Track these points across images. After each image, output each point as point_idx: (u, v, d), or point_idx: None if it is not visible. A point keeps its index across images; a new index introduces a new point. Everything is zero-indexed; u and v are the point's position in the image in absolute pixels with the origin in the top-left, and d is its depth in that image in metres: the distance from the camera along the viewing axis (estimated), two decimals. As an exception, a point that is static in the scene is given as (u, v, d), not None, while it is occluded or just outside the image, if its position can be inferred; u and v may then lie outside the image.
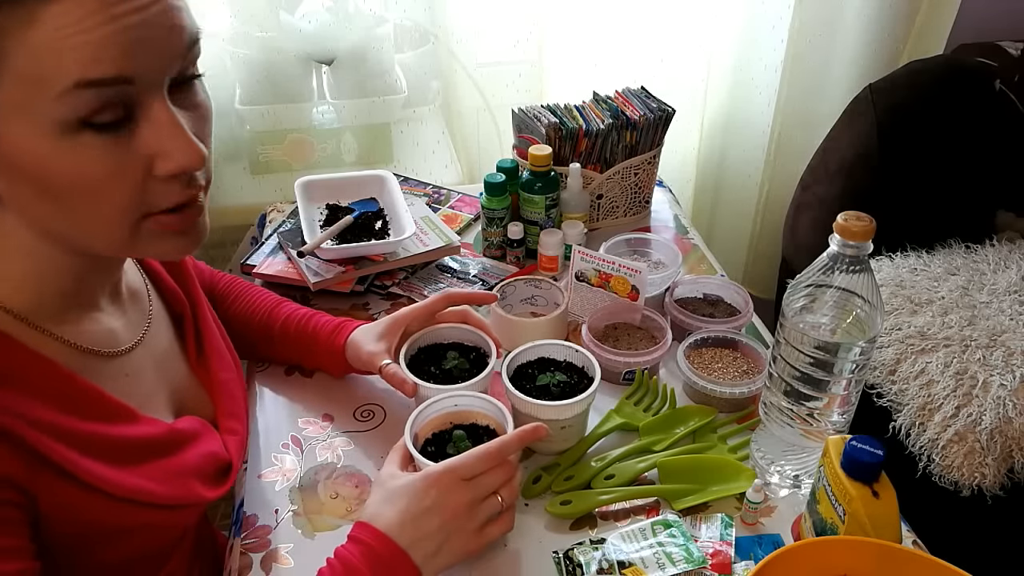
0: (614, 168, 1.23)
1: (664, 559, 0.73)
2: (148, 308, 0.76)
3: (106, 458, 0.62)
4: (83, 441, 0.61)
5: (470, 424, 0.81)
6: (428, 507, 0.67)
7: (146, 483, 0.65)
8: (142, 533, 0.68)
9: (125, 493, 0.63)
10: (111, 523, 0.63)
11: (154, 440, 0.67)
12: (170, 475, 0.68)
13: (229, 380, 0.81)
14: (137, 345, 0.71)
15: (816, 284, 0.74)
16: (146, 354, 0.72)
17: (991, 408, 1.14)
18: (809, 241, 1.55)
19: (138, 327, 0.73)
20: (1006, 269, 1.41)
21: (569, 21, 1.48)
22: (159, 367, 0.74)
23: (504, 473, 0.71)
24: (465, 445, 0.76)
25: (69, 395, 0.61)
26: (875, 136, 1.45)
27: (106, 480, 0.61)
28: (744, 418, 0.92)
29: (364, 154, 1.49)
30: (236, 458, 0.77)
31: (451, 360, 0.89)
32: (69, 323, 0.65)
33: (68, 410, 0.61)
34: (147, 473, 0.65)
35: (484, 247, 1.21)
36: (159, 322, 0.77)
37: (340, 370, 0.94)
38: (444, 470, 0.69)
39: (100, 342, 0.67)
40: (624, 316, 1.02)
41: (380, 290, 1.13)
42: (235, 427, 0.79)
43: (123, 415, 0.65)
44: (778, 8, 1.53)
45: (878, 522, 0.64)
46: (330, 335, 0.92)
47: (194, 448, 0.72)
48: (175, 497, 0.68)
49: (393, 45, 1.42)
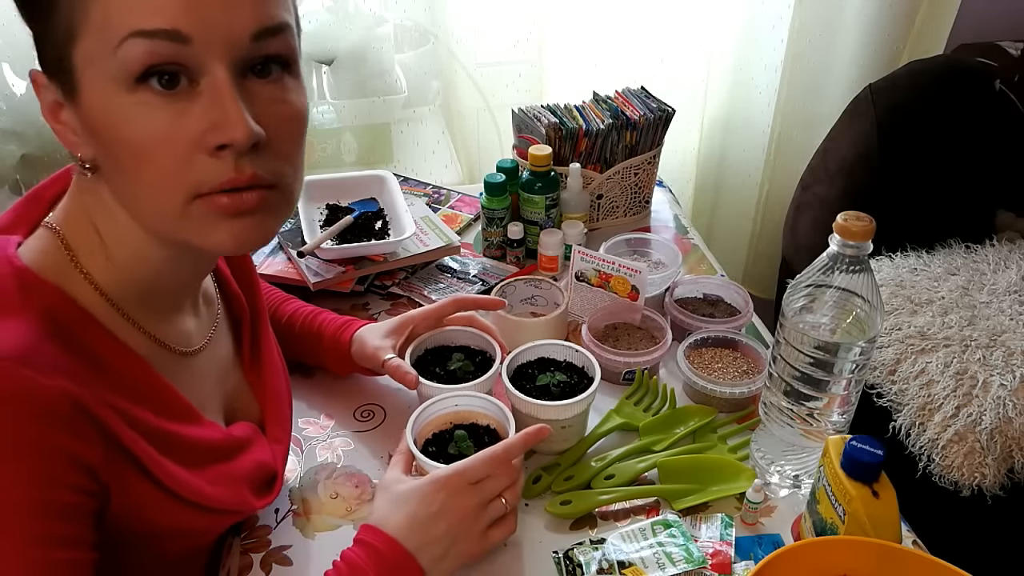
0: (614, 168, 1.23)
1: (664, 559, 0.73)
2: (216, 312, 0.76)
3: (177, 458, 0.62)
4: (158, 437, 0.60)
5: (470, 424, 0.81)
6: (436, 511, 0.67)
7: (207, 486, 0.64)
8: (193, 535, 0.68)
9: (189, 494, 0.62)
10: (168, 522, 0.63)
11: (215, 444, 0.67)
12: (227, 480, 0.67)
13: (279, 389, 0.81)
14: (205, 347, 0.71)
15: (816, 284, 0.74)
16: (210, 357, 0.72)
17: (991, 408, 1.14)
18: (809, 241, 1.55)
19: (207, 329, 0.73)
20: (1006, 269, 1.41)
21: (569, 21, 1.48)
22: (219, 371, 0.74)
23: (509, 476, 0.71)
24: (466, 445, 0.76)
25: (147, 390, 0.61)
26: (875, 136, 1.45)
27: (177, 480, 0.61)
28: (744, 418, 0.92)
29: (364, 154, 1.49)
30: (281, 467, 0.77)
31: (456, 362, 0.89)
32: (154, 316, 0.64)
33: (147, 405, 0.60)
34: (208, 476, 0.65)
35: (484, 247, 1.21)
36: (222, 326, 0.76)
37: (342, 367, 0.94)
38: (452, 474, 0.69)
39: (177, 340, 0.67)
40: (624, 316, 1.02)
41: (380, 290, 1.13)
42: (281, 436, 0.79)
43: (191, 416, 0.65)
44: (778, 8, 1.53)
45: (878, 522, 0.64)
46: (336, 332, 0.92)
47: (248, 455, 0.72)
48: (229, 503, 0.67)
49: (393, 45, 1.42)
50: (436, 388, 0.83)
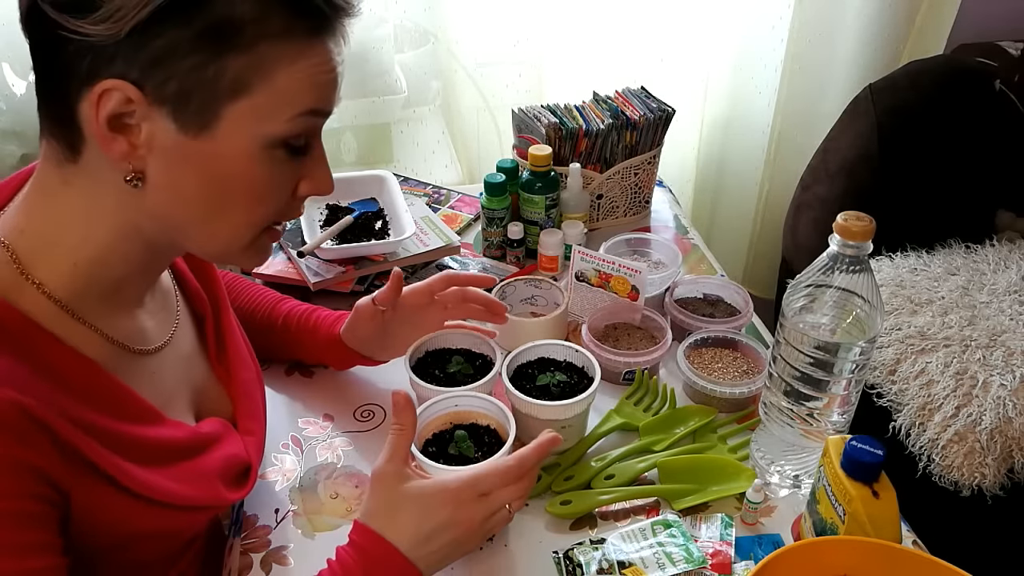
0: (614, 168, 1.23)
1: (664, 559, 0.73)
2: (176, 308, 0.76)
3: (137, 459, 0.62)
4: (116, 440, 0.60)
5: (471, 424, 0.81)
6: (442, 523, 0.66)
7: (174, 485, 0.64)
8: (165, 534, 0.68)
9: (154, 494, 0.62)
10: (137, 524, 0.63)
11: (179, 442, 0.68)
12: (195, 477, 0.68)
13: (248, 381, 0.81)
14: (165, 345, 0.72)
15: (816, 284, 0.74)
16: (172, 354, 0.73)
17: (991, 408, 1.14)
18: (809, 241, 1.55)
19: (167, 327, 0.73)
20: (1006, 269, 1.41)
21: (569, 21, 1.48)
22: (183, 367, 0.74)
23: (519, 488, 0.69)
24: (466, 445, 0.76)
25: (103, 394, 0.62)
26: (875, 136, 1.45)
27: (138, 481, 0.61)
28: (744, 418, 0.92)
29: (364, 154, 1.49)
30: (255, 459, 0.77)
31: (455, 364, 0.89)
32: (109, 316, 0.65)
33: (101, 409, 0.60)
34: (174, 475, 0.65)
35: (484, 247, 1.21)
36: (184, 322, 0.77)
37: (341, 361, 0.94)
38: (462, 485, 0.67)
39: (134, 339, 0.67)
40: (624, 316, 1.02)
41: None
42: (253, 428, 0.79)
43: (151, 417, 0.65)
44: (778, 8, 1.53)
45: (878, 522, 0.64)
46: (331, 326, 0.92)
47: (217, 450, 0.72)
48: (200, 499, 0.68)
49: (393, 45, 1.42)
50: (434, 390, 0.83)
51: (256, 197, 0.62)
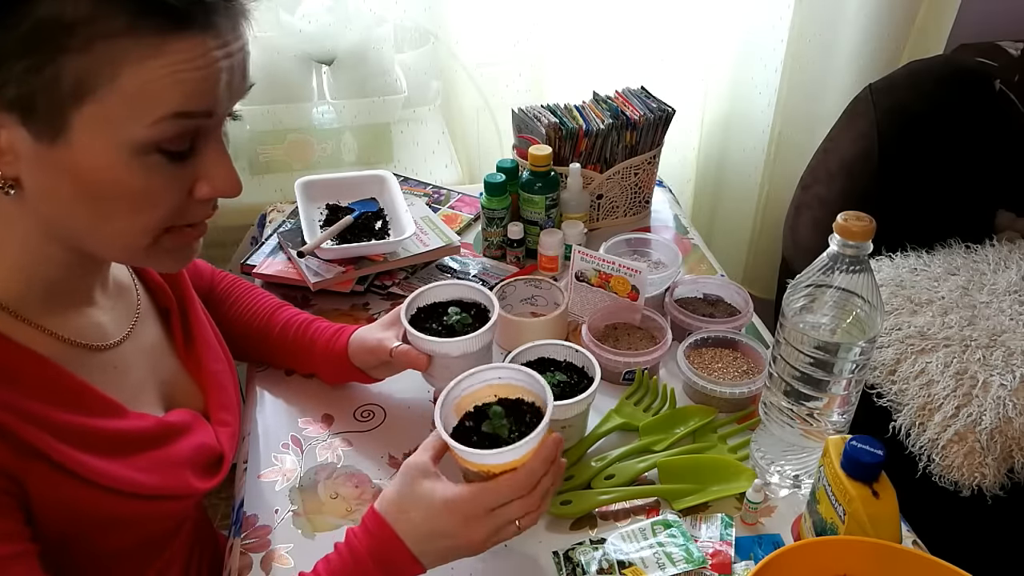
0: (614, 168, 1.23)
1: (664, 559, 0.73)
2: (136, 302, 0.76)
3: (94, 450, 0.63)
4: (70, 433, 0.61)
5: (516, 399, 0.75)
6: (446, 531, 0.66)
7: (135, 474, 0.65)
8: (135, 523, 0.69)
9: (114, 483, 0.63)
10: (102, 513, 0.64)
11: (143, 433, 0.68)
12: (161, 466, 0.68)
13: (219, 372, 0.82)
14: (125, 339, 0.72)
15: (816, 284, 0.74)
16: (135, 348, 0.73)
17: (991, 408, 1.14)
18: (809, 241, 1.55)
19: (126, 321, 0.74)
20: (1006, 269, 1.41)
21: (569, 21, 1.48)
22: (148, 361, 0.75)
23: (533, 503, 0.68)
24: (500, 424, 0.71)
25: (56, 389, 0.62)
26: (875, 136, 1.45)
27: (94, 470, 0.62)
28: (744, 418, 0.92)
29: (364, 154, 1.49)
30: (228, 449, 0.78)
31: (453, 316, 0.88)
32: (57, 316, 0.65)
33: (55, 404, 0.61)
34: (137, 464, 0.66)
35: (484, 247, 1.21)
36: (147, 316, 0.77)
37: (335, 376, 0.94)
38: (468, 500, 0.66)
39: (88, 335, 0.68)
40: (624, 316, 1.02)
41: (380, 290, 1.13)
42: (227, 419, 0.80)
43: (110, 410, 0.66)
44: (778, 8, 1.54)
45: (878, 522, 0.64)
46: (329, 339, 0.91)
47: (186, 440, 0.72)
48: (167, 488, 0.68)
49: (393, 45, 1.42)
50: (436, 342, 0.83)
51: (135, 204, 0.59)
